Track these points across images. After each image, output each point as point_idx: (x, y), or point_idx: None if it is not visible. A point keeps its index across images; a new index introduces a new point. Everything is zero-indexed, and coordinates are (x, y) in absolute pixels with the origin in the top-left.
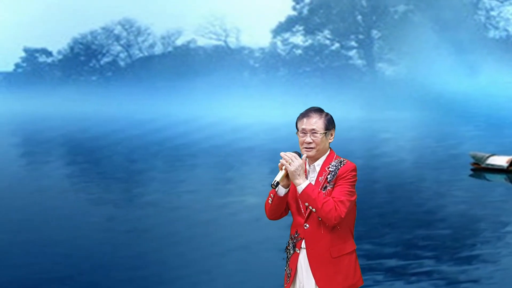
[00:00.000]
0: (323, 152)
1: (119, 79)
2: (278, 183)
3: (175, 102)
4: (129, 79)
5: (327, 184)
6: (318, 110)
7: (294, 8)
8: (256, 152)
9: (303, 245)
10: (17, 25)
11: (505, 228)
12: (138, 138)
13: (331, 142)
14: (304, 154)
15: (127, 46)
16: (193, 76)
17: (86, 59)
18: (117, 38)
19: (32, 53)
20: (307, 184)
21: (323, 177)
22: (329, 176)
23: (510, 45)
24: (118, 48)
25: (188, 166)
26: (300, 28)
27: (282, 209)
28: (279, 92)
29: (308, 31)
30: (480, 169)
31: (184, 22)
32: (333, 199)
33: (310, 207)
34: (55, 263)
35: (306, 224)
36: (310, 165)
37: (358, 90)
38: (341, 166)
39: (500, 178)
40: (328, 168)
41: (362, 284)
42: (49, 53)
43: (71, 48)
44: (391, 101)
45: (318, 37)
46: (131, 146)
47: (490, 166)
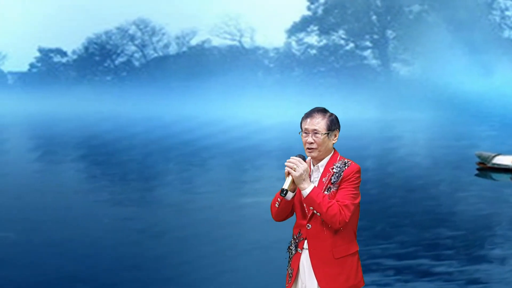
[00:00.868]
0: (327, 153)
1: (134, 79)
2: (287, 191)
3: (190, 102)
4: (143, 79)
5: (331, 185)
6: (321, 111)
7: (308, 8)
8: (271, 152)
9: (306, 245)
10: (32, 25)
11: None
12: (153, 138)
13: (334, 143)
14: (309, 156)
15: (142, 46)
16: (207, 76)
17: (101, 59)
18: (132, 38)
19: (46, 53)
20: (312, 188)
21: (326, 178)
22: (333, 177)
23: None
24: (133, 48)
25: (201, 165)
26: (315, 28)
27: (288, 212)
28: (293, 92)
29: (323, 31)
30: (486, 169)
31: (198, 22)
32: (337, 203)
33: (314, 211)
34: (72, 263)
35: (308, 225)
36: (314, 165)
37: (372, 90)
38: (346, 167)
39: (506, 178)
40: (332, 169)
41: (363, 285)
42: (63, 53)
43: (86, 48)
44: (406, 101)
45: (333, 37)
46: (146, 146)
47: (496, 166)
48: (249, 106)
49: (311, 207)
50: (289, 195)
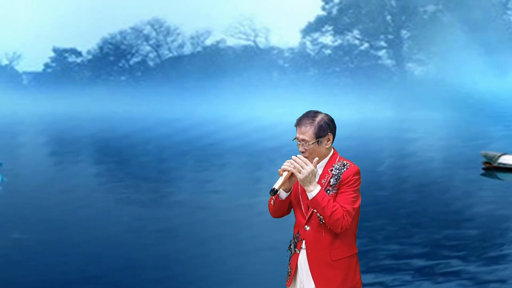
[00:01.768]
0: (324, 156)
1: (149, 79)
2: (276, 191)
3: (204, 102)
4: (158, 79)
5: (329, 187)
6: (311, 117)
7: (323, 8)
8: (285, 152)
9: (303, 245)
10: (47, 25)
11: None
12: (167, 138)
13: (328, 146)
14: (316, 157)
15: (157, 46)
16: (222, 76)
17: (116, 59)
18: (147, 38)
19: (61, 53)
20: (318, 191)
21: (325, 180)
22: (331, 179)
23: None
24: (148, 48)
25: (217, 166)
26: (330, 28)
27: (285, 210)
28: (308, 92)
29: (338, 31)
30: (492, 168)
31: (213, 22)
32: (341, 208)
33: (318, 214)
34: (84, 263)
35: (306, 226)
36: None
37: (387, 90)
38: (344, 169)
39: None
40: (331, 170)
41: (360, 286)
42: (78, 53)
43: (101, 48)
44: (420, 101)
45: (348, 37)
46: (160, 146)
47: (501, 165)
48: (264, 106)
49: (315, 210)
50: (283, 194)
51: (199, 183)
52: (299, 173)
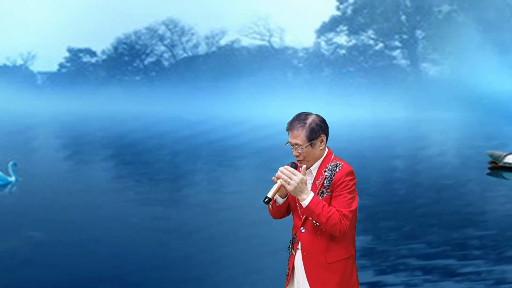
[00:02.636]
0: (317, 159)
1: (163, 79)
2: (269, 200)
3: (219, 102)
4: (173, 79)
5: (324, 189)
6: (301, 120)
7: (338, 8)
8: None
9: (300, 247)
10: (61, 25)
11: None
12: (182, 138)
13: (322, 148)
14: (304, 165)
15: (171, 46)
16: (237, 76)
17: (130, 59)
18: (161, 38)
19: (76, 53)
20: (311, 199)
21: (319, 181)
22: (325, 181)
23: None
24: (162, 48)
25: (231, 166)
26: (344, 28)
27: (283, 212)
28: (323, 92)
29: (352, 31)
30: (498, 168)
31: (228, 22)
32: (337, 212)
33: (314, 221)
34: (100, 263)
35: (302, 228)
36: (306, 168)
37: (402, 90)
38: (337, 170)
39: None
40: (324, 171)
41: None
42: (93, 53)
43: (115, 48)
44: (435, 101)
45: (362, 37)
46: (175, 146)
47: (507, 165)
48: (278, 106)
49: (310, 218)
50: (280, 200)
51: (213, 183)
52: (288, 184)
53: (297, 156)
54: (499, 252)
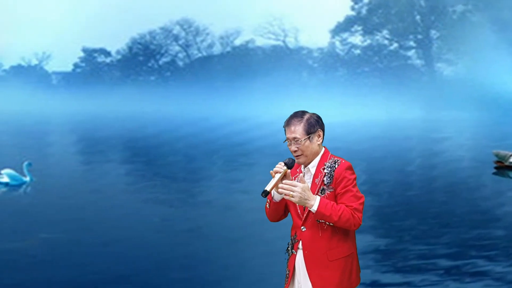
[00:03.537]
0: (315, 155)
1: (178, 79)
2: (267, 193)
3: (234, 102)
4: (187, 79)
5: (324, 186)
6: (298, 116)
7: (352, 8)
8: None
9: (300, 246)
10: (76, 25)
11: None
12: (196, 138)
13: (320, 143)
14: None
15: (186, 46)
16: (251, 76)
17: (145, 59)
18: (176, 38)
19: (90, 53)
20: (318, 203)
21: (319, 179)
22: (325, 178)
23: None
24: (177, 48)
25: (245, 165)
26: (359, 28)
27: (281, 213)
28: (337, 92)
29: (367, 31)
30: (504, 167)
31: (242, 22)
32: (347, 207)
33: (326, 222)
34: (112, 263)
35: (303, 227)
36: (304, 167)
37: (416, 90)
38: (336, 166)
39: None
40: (323, 169)
41: (357, 284)
42: (107, 53)
43: (130, 48)
44: (450, 101)
45: (377, 37)
46: (189, 146)
47: None
48: (293, 106)
49: (322, 221)
50: (277, 197)
51: (227, 182)
52: (292, 197)
53: (295, 151)
54: (510, 253)
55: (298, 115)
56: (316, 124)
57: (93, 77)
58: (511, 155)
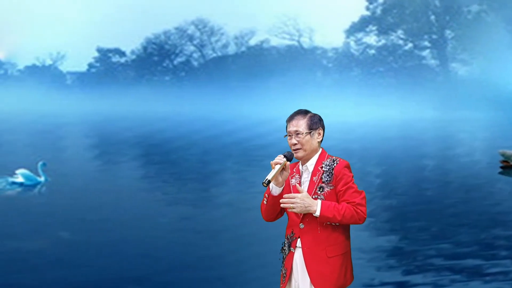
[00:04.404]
0: (314, 152)
1: (192, 79)
2: (269, 181)
3: (249, 102)
4: (202, 79)
5: (322, 184)
6: (302, 112)
7: (367, 8)
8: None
9: (299, 244)
10: (90, 25)
11: None
12: (212, 139)
13: (319, 141)
14: (295, 157)
15: (201, 46)
16: (266, 76)
17: (160, 59)
18: (191, 38)
19: (105, 53)
20: (320, 207)
21: (317, 177)
22: (323, 176)
23: None
24: (192, 48)
25: (262, 166)
26: (374, 28)
27: (278, 210)
28: (352, 92)
29: (382, 31)
30: (509, 167)
31: (257, 22)
32: (350, 204)
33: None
34: (130, 263)
35: (301, 224)
36: (302, 165)
37: (431, 90)
38: (335, 165)
39: None
40: (321, 167)
41: (350, 283)
42: (122, 53)
43: (144, 48)
44: (464, 101)
45: (392, 37)
46: (205, 146)
47: None
48: (308, 106)
49: (328, 223)
50: (276, 190)
51: (244, 183)
52: (294, 209)
53: (294, 144)
54: None
55: (301, 112)
56: (318, 122)
57: (108, 77)
58: None
